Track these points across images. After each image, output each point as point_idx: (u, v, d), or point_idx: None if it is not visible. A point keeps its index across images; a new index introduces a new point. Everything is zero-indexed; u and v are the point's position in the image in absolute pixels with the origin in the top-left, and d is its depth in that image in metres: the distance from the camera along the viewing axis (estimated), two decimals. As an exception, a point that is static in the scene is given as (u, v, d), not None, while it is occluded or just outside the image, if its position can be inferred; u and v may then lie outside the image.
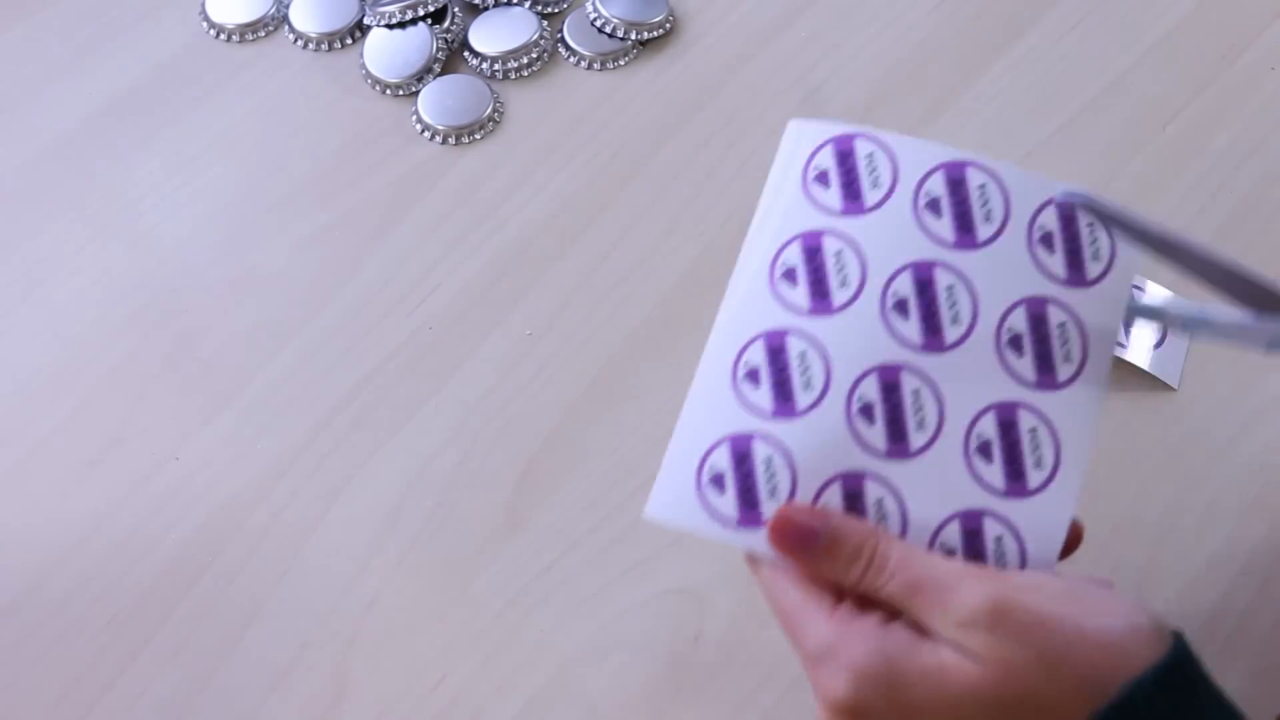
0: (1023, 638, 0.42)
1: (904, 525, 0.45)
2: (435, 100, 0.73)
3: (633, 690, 0.55)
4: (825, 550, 0.44)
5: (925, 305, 0.46)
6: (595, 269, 0.67)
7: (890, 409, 0.45)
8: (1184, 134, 0.71)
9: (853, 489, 0.45)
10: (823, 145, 0.48)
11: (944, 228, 0.46)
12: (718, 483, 0.46)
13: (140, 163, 0.72)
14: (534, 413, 0.63)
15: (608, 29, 0.75)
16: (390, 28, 0.75)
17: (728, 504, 0.46)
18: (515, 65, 0.74)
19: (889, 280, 0.46)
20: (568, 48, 0.75)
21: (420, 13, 0.74)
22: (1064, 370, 0.46)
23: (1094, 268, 0.46)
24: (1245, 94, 0.72)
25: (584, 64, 0.75)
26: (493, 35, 0.75)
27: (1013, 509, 0.45)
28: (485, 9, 0.76)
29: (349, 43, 0.76)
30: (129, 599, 0.58)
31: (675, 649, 0.56)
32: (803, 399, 0.46)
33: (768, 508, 0.45)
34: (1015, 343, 0.46)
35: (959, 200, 0.47)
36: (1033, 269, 0.46)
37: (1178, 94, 0.72)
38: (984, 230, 0.46)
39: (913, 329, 0.46)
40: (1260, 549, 0.58)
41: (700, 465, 0.46)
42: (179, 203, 0.70)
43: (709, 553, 0.58)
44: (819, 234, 0.47)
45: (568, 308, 0.66)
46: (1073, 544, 0.46)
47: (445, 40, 0.75)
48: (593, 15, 0.75)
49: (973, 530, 0.45)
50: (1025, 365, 0.46)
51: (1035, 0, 0.76)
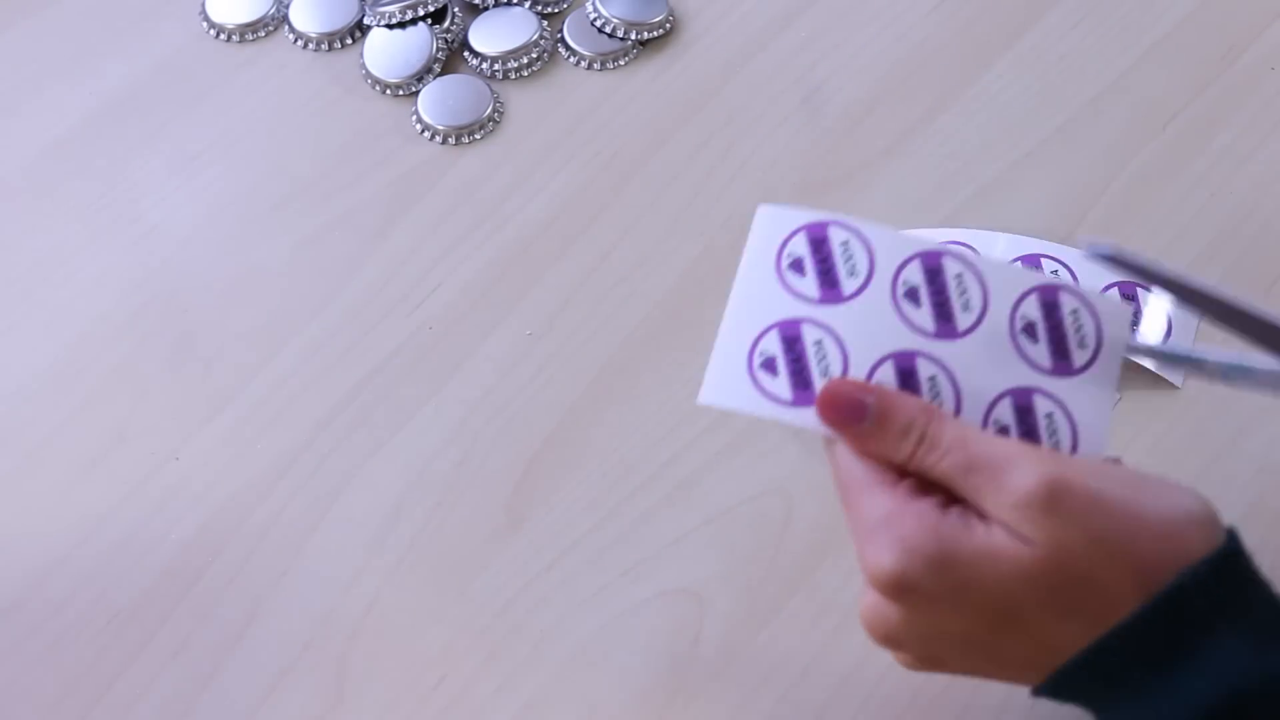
0: (1078, 520, 0.41)
1: (957, 401, 0.46)
2: (435, 100, 0.73)
3: (633, 690, 0.55)
4: (875, 424, 0.44)
5: None
6: (595, 269, 0.67)
7: None
8: (1184, 134, 0.71)
9: (906, 366, 0.46)
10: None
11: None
12: (769, 367, 0.47)
13: (140, 163, 0.72)
14: (534, 413, 0.63)
15: (608, 29, 0.75)
16: (390, 28, 0.75)
17: (781, 385, 0.46)
18: (515, 65, 0.74)
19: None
20: (568, 48, 0.75)
21: (420, 13, 0.74)
22: None
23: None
24: (1245, 94, 0.72)
25: (584, 64, 0.75)
26: (493, 35, 0.75)
27: (1061, 388, 0.46)
28: (485, 9, 0.76)
29: (349, 43, 0.76)
30: (129, 599, 0.58)
31: (675, 649, 0.56)
32: (848, 285, 0.47)
33: (821, 386, 0.46)
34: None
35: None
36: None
37: (1178, 94, 0.72)
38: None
39: None
40: (1260, 549, 0.57)
41: (751, 351, 0.47)
42: (179, 203, 0.70)
43: (709, 553, 0.59)
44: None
45: (568, 308, 0.66)
46: None
47: (445, 40, 0.75)
48: (593, 15, 0.75)
49: (1024, 406, 0.46)
50: None
51: (1035, 0, 0.76)
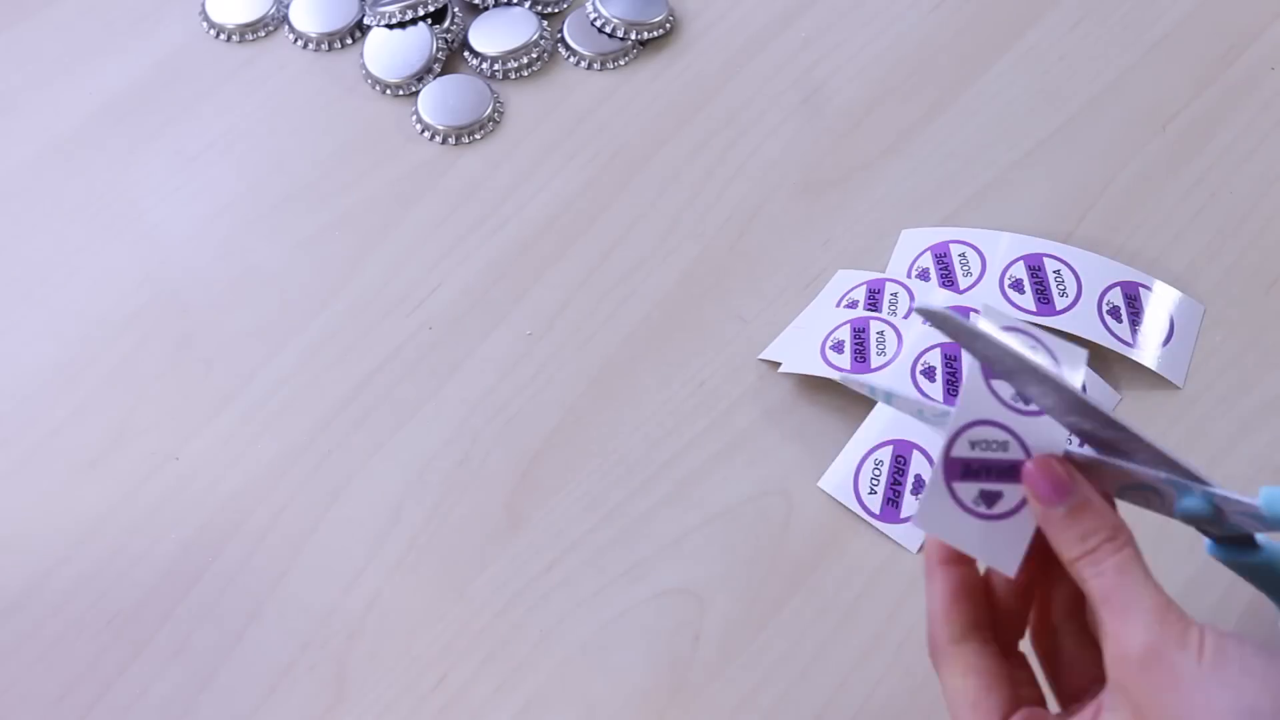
0: (1158, 695, 0.39)
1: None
2: (435, 100, 0.73)
3: (633, 690, 0.55)
4: (1073, 509, 0.42)
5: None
6: (595, 269, 0.67)
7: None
8: (1184, 134, 0.71)
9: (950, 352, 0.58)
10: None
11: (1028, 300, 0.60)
12: (837, 348, 0.60)
13: (140, 163, 0.72)
14: (534, 413, 0.63)
15: (608, 29, 0.75)
16: (390, 28, 0.75)
17: (844, 359, 0.60)
18: (515, 65, 0.74)
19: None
20: (568, 48, 0.75)
21: (420, 13, 0.74)
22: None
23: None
24: (1245, 94, 0.72)
25: (584, 64, 0.75)
26: (493, 35, 0.75)
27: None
28: (485, 9, 0.76)
29: (349, 43, 0.76)
30: (129, 599, 0.58)
31: (675, 649, 0.56)
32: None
33: (875, 360, 0.59)
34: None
35: (1038, 281, 0.61)
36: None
37: (1178, 94, 0.72)
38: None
39: None
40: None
41: (824, 339, 0.61)
42: (179, 202, 0.70)
43: (709, 553, 0.59)
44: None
45: (568, 308, 0.66)
46: None
47: (445, 40, 0.75)
48: (593, 15, 0.75)
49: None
50: None
51: (1035, 0, 0.76)
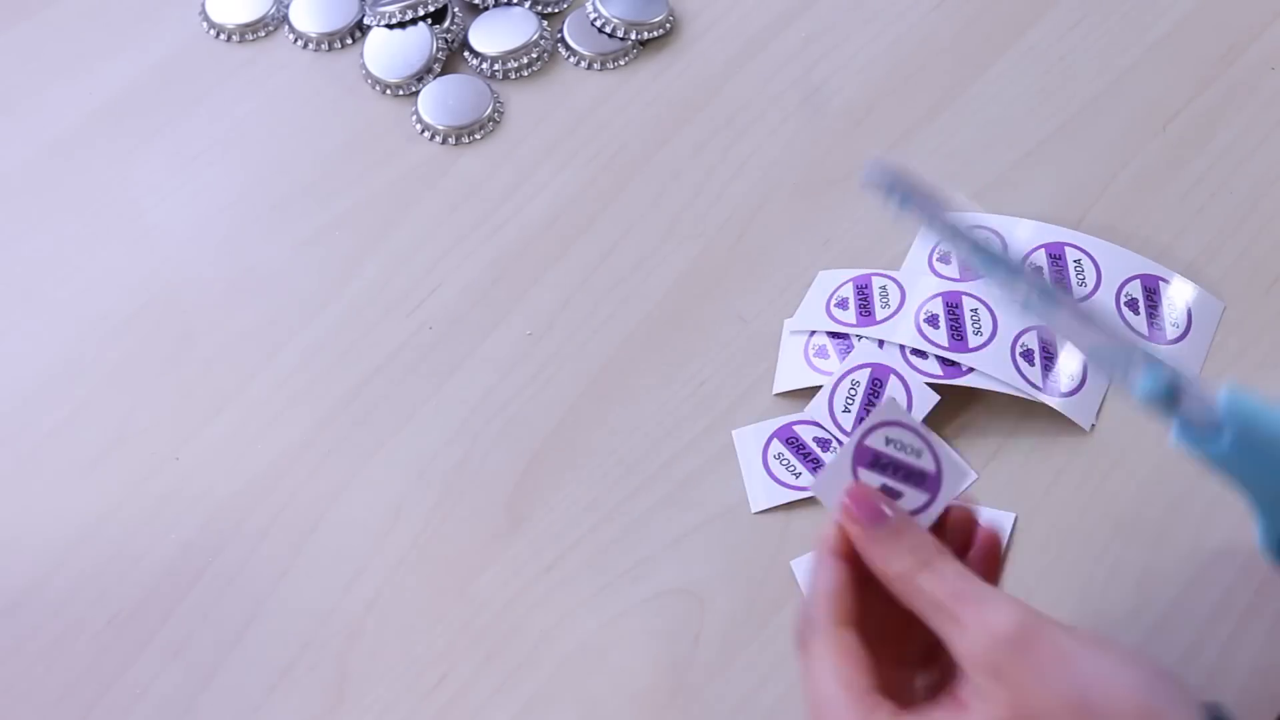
0: (1045, 674, 0.40)
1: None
2: (435, 100, 0.73)
3: (633, 690, 0.55)
4: (891, 531, 0.44)
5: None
6: (595, 269, 0.67)
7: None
8: (1184, 134, 0.71)
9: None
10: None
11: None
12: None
13: (140, 163, 0.72)
14: (534, 413, 0.63)
15: (608, 29, 0.75)
16: (390, 28, 0.75)
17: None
18: (515, 65, 0.74)
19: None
20: (568, 48, 0.75)
21: (420, 13, 0.74)
22: None
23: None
24: (1245, 94, 0.72)
25: (584, 64, 0.75)
26: (493, 35, 0.75)
27: None
28: (485, 9, 0.76)
29: (349, 43, 0.76)
30: (129, 599, 0.58)
31: (675, 649, 0.56)
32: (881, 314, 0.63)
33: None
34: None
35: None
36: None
37: (1178, 94, 0.72)
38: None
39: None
40: (1260, 549, 0.58)
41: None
42: (179, 203, 0.70)
43: (709, 553, 0.59)
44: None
45: (568, 308, 0.66)
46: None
47: (445, 40, 0.75)
48: (593, 15, 0.75)
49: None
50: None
51: (1035, 0, 0.76)
